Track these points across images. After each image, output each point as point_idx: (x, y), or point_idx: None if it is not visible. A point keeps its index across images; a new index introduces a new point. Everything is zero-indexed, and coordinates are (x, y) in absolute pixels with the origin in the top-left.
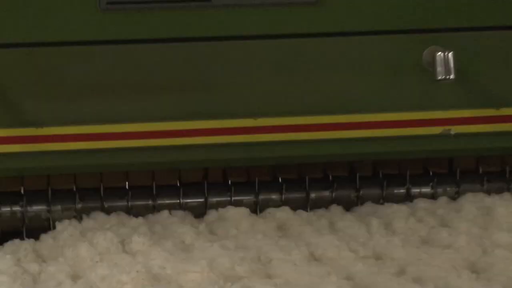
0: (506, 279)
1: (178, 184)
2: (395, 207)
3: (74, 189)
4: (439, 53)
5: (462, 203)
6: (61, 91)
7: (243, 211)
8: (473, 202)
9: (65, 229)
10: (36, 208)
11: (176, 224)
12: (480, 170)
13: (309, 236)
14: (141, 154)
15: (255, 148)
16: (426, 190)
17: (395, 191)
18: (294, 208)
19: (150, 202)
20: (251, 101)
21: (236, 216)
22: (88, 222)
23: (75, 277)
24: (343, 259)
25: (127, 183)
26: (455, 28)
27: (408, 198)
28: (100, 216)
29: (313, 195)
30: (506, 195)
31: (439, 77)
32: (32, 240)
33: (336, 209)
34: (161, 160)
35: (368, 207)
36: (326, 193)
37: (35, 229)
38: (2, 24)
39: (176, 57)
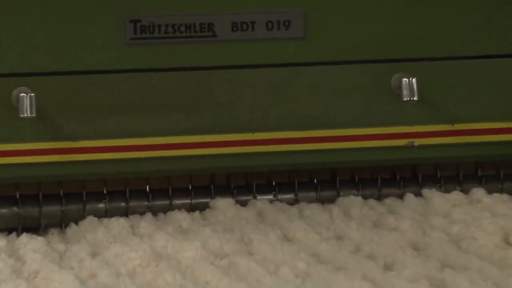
0: (442, 255)
1: (190, 187)
2: (352, 198)
3: (105, 191)
4: (405, 79)
5: (406, 195)
6: (92, 111)
7: (229, 201)
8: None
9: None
10: (74, 207)
11: (175, 212)
12: (438, 175)
13: (283, 222)
14: (159, 162)
15: (253, 157)
16: (395, 191)
17: (367, 191)
18: None
19: (167, 202)
20: (250, 119)
21: (223, 206)
22: None
23: (94, 255)
24: (310, 240)
25: (147, 186)
26: (417, 58)
27: (379, 198)
28: None
29: (300, 195)
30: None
31: (405, 99)
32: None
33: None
34: (175, 167)
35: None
36: (312, 194)
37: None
38: (42, 56)
39: (187, 83)
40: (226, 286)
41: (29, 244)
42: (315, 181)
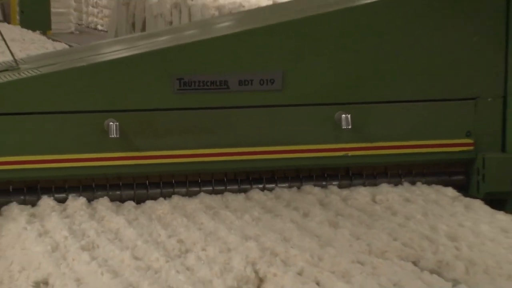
0: (336, 208)
1: (199, 180)
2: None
3: (160, 182)
4: (343, 114)
5: (329, 187)
6: (153, 133)
7: (233, 189)
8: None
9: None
10: (128, 192)
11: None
12: (364, 175)
13: (250, 193)
14: (191, 165)
15: (251, 162)
16: (336, 182)
17: (315, 183)
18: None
19: (184, 189)
20: (247, 138)
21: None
22: None
23: (136, 208)
24: (261, 199)
25: (173, 180)
26: (350, 102)
27: (325, 187)
28: None
29: (279, 185)
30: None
31: (343, 127)
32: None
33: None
34: (200, 168)
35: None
36: (281, 184)
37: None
38: (124, 100)
39: (211, 116)
40: (212, 226)
41: (100, 202)
42: (286, 176)
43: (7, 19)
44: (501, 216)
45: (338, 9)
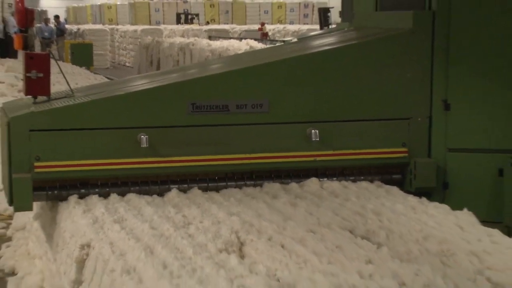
0: (295, 193)
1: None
2: (274, 183)
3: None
4: (313, 130)
5: (310, 180)
6: (172, 144)
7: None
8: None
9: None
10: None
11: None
12: (328, 174)
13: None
14: (202, 167)
15: (245, 165)
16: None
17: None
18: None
19: (212, 184)
20: (243, 148)
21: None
22: None
23: (160, 195)
24: (247, 190)
25: (197, 177)
26: (319, 121)
27: (298, 182)
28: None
29: (260, 182)
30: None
31: (313, 139)
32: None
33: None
34: (208, 169)
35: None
36: (270, 183)
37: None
38: (151, 118)
39: (216, 132)
40: (207, 205)
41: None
42: (263, 176)
43: (62, 59)
44: (411, 198)
45: (306, 53)
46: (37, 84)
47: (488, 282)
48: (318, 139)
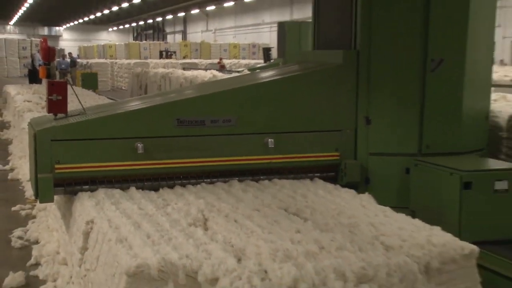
0: (264, 185)
1: (209, 176)
2: (248, 180)
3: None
4: (269, 139)
5: (271, 180)
6: (164, 149)
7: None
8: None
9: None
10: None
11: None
12: (280, 173)
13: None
14: (186, 168)
15: (217, 166)
16: (264, 177)
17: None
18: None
19: (193, 181)
20: (216, 153)
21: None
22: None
23: (169, 187)
24: (236, 183)
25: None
26: (274, 132)
27: (257, 181)
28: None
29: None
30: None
31: (270, 146)
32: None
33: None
34: (190, 170)
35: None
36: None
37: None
38: (144, 130)
39: (195, 141)
40: (181, 191)
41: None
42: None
43: (74, 84)
44: (329, 185)
45: (262, 82)
46: (57, 104)
47: (382, 245)
48: (273, 146)
